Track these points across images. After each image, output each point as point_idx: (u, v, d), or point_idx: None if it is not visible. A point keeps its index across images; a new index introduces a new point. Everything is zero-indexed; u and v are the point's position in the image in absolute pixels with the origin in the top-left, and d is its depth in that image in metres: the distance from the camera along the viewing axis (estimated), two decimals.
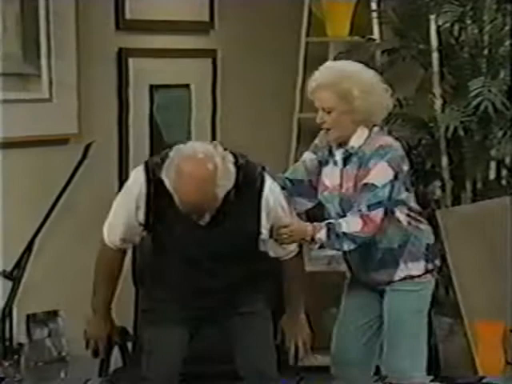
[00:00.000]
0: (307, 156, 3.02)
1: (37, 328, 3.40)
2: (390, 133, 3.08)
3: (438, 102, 3.89)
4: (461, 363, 3.82)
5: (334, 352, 3.04)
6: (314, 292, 3.14)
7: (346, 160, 2.90)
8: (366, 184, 2.82)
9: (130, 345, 3.22)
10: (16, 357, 3.27)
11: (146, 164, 2.79)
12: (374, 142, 2.87)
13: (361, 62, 3.04)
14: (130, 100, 3.75)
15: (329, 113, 2.87)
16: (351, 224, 2.79)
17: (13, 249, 3.36)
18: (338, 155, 2.93)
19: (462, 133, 3.80)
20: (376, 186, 2.81)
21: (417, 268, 2.94)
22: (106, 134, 3.69)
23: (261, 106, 4.13)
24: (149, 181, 2.74)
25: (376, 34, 4.14)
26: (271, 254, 2.87)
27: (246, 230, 2.79)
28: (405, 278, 2.94)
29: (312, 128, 3.15)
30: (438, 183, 3.98)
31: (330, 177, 2.94)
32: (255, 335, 2.83)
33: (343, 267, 3.11)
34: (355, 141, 2.89)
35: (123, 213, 2.82)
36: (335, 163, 2.94)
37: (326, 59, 4.24)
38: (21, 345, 3.35)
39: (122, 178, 3.77)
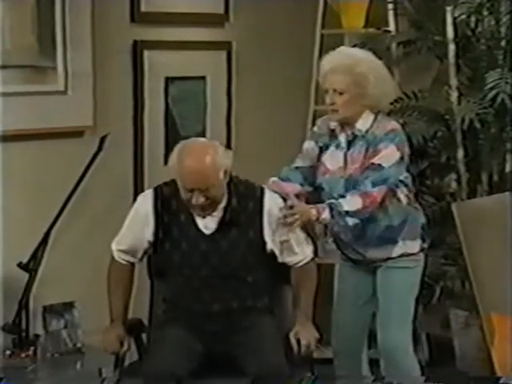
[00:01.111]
0: (308, 145, 3.13)
1: (53, 319, 3.43)
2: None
3: (454, 94, 3.92)
4: (476, 357, 3.88)
5: (333, 330, 3.19)
6: (326, 286, 3.20)
7: (351, 143, 3.02)
8: (373, 164, 2.96)
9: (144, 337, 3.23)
10: (32, 348, 3.33)
11: (155, 187, 2.97)
12: (384, 126, 2.99)
13: (376, 54, 3.11)
14: (145, 92, 3.78)
15: (340, 94, 2.96)
16: (352, 203, 2.93)
17: (29, 240, 3.40)
18: (342, 138, 3.04)
19: (478, 125, 3.83)
20: (383, 167, 2.95)
21: (413, 246, 3.07)
22: (121, 126, 3.72)
23: (276, 98, 4.15)
24: (156, 198, 2.92)
25: (392, 26, 4.16)
26: (287, 259, 2.96)
27: (250, 238, 2.90)
28: (401, 255, 3.06)
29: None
30: (453, 176, 4.02)
31: (332, 160, 3.05)
32: (262, 334, 2.90)
33: None
34: (362, 124, 3.01)
35: (131, 228, 2.98)
36: (337, 146, 3.05)
37: None
38: (37, 336, 3.39)
39: (137, 170, 3.82)
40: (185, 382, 2.83)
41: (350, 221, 2.93)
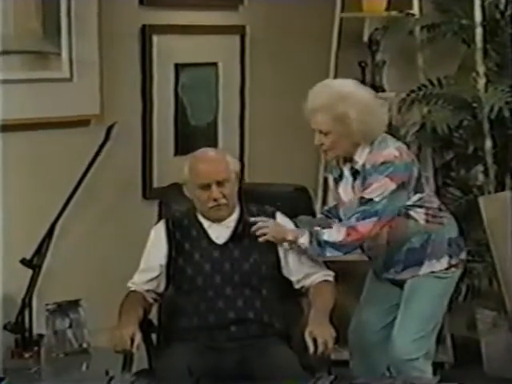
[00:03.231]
0: (329, 179, 3.22)
1: (57, 318, 3.44)
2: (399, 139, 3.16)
3: (482, 81, 3.93)
4: (505, 359, 3.91)
5: (351, 330, 3.21)
6: (345, 284, 3.24)
7: (355, 174, 3.05)
8: (362, 198, 2.98)
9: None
10: (36, 348, 3.34)
11: (166, 218, 3.17)
12: (376, 158, 2.99)
13: (398, 39, 3.09)
14: (154, 79, 3.80)
15: (326, 134, 3.00)
16: (333, 233, 2.98)
17: (33, 235, 3.42)
18: (346, 171, 3.09)
19: (507, 114, 3.84)
20: (372, 201, 2.96)
21: (440, 264, 3.08)
22: (128, 115, 3.74)
23: (292, 85, 4.12)
24: (167, 223, 3.11)
25: (415, 9, 4.16)
26: (299, 276, 3.07)
27: (263, 249, 3.04)
28: (429, 273, 3.08)
29: None
30: (480, 168, 4.03)
31: (345, 192, 3.10)
32: (277, 361, 2.94)
33: None
34: (359, 157, 3.04)
35: (148, 260, 3.14)
36: (346, 179, 3.09)
37: (361, 36, 4.31)
38: (41, 336, 3.40)
39: (146, 161, 3.84)
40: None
41: (328, 253, 2.97)
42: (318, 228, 3.00)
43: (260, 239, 3.01)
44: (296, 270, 3.09)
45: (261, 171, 3.93)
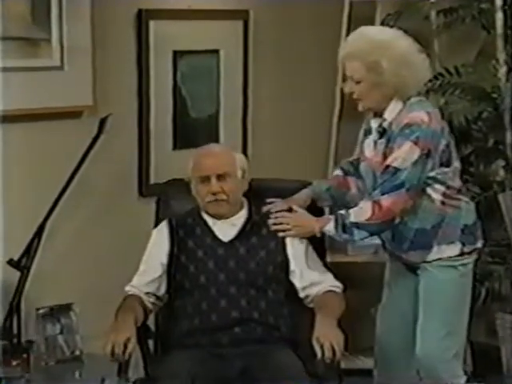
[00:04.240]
0: (362, 131, 3.21)
1: (48, 323, 3.43)
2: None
3: (502, 70, 3.90)
4: None
5: (377, 336, 3.21)
6: (356, 288, 3.24)
7: (381, 132, 3.04)
8: (387, 166, 2.96)
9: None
10: (25, 355, 3.31)
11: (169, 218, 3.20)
12: (402, 119, 2.97)
13: (413, 24, 3.08)
14: (150, 68, 3.77)
15: (357, 83, 3.00)
16: (359, 212, 2.96)
17: (20, 234, 3.41)
18: (374, 125, 3.07)
19: None
20: (397, 169, 2.94)
21: (451, 250, 3.05)
22: (124, 106, 3.72)
23: (298, 73, 4.14)
24: (170, 222, 3.15)
25: None
26: (304, 282, 3.07)
27: (271, 248, 3.07)
28: (439, 259, 3.05)
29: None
30: (501, 162, 3.99)
31: (368, 147, 3.09)
32: (282, 368, 2.93)
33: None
34: (388, 114, 3.02)
35: (149, 258, 3.17)
36: (373, 134, 3.08)
37: (373, 22, 4.26)
38: (30, 342, 3.39)
39: (142, 155, 3.81)
40: None
41: (356, 235, 2.96)
42: (343, 211, 2.98)
43: (281, 234, 3.03)
44: (302, 275, 3.09)
45: (265, 166, 3.89)
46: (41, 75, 3.48)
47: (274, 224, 3.08)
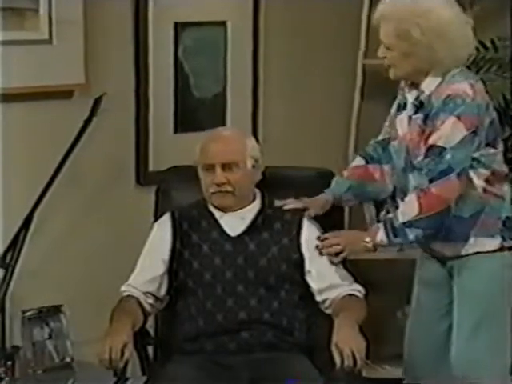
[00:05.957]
0: (393, 107, 3.15)
1: (35, 327, 3.42)
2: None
3: None
4: None
5: (407, 343, 3.18)
6: (379, 288, 3.24)
7: (418, 106, 3.00)
8: (431, 146, 2.90)
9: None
10: (10, 363, 3.33)
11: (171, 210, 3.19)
12: (443, 91, 2.92)
13: None
14: (149, 42, 3.75)
15: (388, 49, 2.98)
16: (406, 210, 2.93)
17: (5, 227, 3.40)
18: (410, 99, 3.03)
19: None
20: (443, 148, 2.89)
21: (490, 244, 3.00)
22: (119, 84, 3.69)
23: (315, 48, 4.10)
24: (173, 215, 3.14)
25: None
26: (322, 284, 3.05)
27: (284, 244, 3.07)
28: (475, 253, 3.02)
29: (379, 76, 3.21)
30: None
31: (401, 123, 3.05)
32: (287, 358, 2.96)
33: (415, 253, 3.19)
34: (426, 86, 2.98)
35: (149, 254, 3.16)
36: (408, 108, 3.04)
37: None
38: (16, 348, 3.39)
39: (140, 140, 3.80)
40: None
41: (412, 234, 2.93)
42: (391, 215, 2.98)
43: (335, 260, 3.04)
44: (319, 276, 3.06)
45: (278, 152, 3.87)
46: (27, 49, 3.47)
47: (324, 248, 3.05)
